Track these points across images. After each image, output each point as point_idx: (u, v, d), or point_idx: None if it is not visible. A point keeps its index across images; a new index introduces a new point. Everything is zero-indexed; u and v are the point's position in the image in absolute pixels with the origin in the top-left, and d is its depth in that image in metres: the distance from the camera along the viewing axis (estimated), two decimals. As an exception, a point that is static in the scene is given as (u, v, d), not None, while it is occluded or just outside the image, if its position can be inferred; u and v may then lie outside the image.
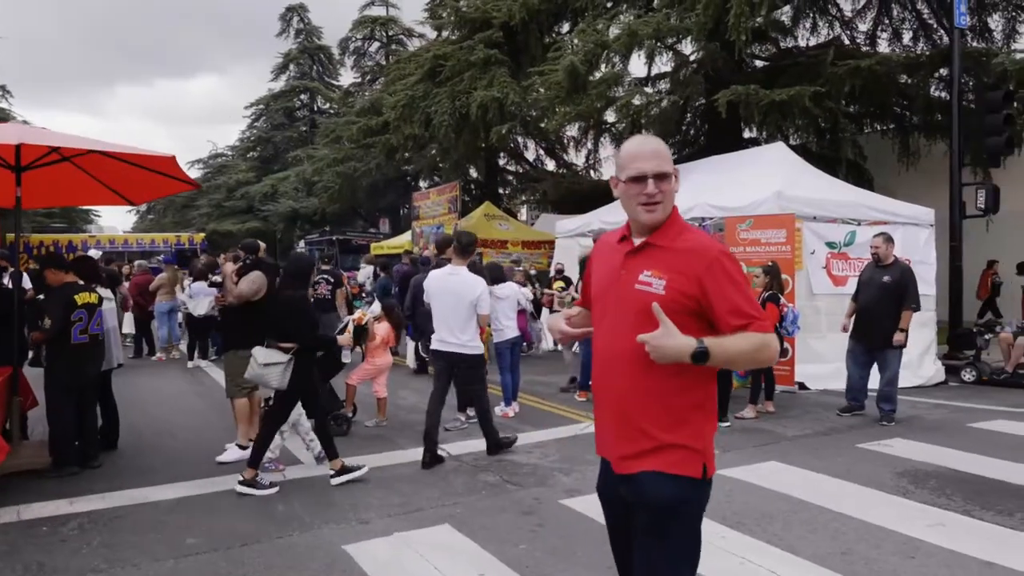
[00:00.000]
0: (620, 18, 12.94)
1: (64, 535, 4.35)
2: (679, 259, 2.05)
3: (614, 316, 2.14)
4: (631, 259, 2.13)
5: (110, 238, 25.60)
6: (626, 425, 2.10)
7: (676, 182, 2.11)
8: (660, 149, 2.10)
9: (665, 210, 2.09)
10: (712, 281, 2.01)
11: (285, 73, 36.94)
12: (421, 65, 16.50)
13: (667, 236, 2.10)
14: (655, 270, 2.05)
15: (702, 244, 2.08)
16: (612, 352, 2.13)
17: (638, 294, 2.06)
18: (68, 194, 7.04)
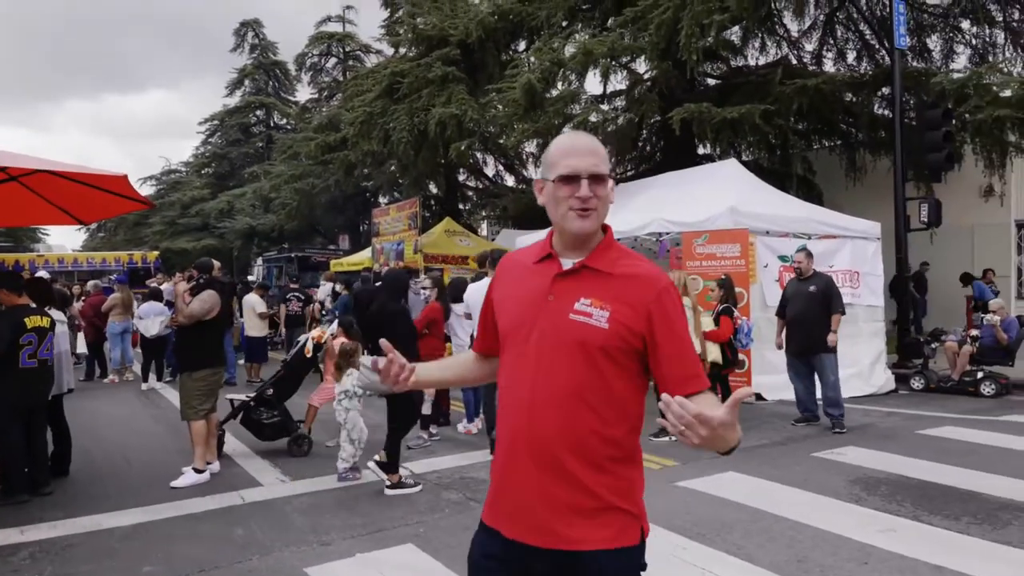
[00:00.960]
0: (576, 37, 13.17)
1: (16, 565, 4.21)
2: (623, 287, 1.71)
3: (540, 351, 1.72)
4: (562, 283, 1.75)
5: (59, 257, 24.88)
6: (558, 484, 1.68)
7: (611, 191, 1.77)
8: (596, 147, 1.75)
9: (599, 218, 1.75)
10: (662, 316, 1.69)
11: (240, 88, 36.52)
12: (379, 82, 16.50)
13: (606, 258, 1.75)
14: (594, 298, 1.69)
15: (648, 271, 1.75)
16: (540, 396, 1.70)
17: (574, 326, 1.69)
18: (15, 214, 6.86)
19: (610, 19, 14.13)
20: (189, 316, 5.61)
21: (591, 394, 1.69)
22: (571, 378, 1.69)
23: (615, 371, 1.68)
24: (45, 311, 5.84)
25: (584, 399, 1.69)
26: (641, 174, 15.95)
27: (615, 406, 1.69)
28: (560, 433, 1.68)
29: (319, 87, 32.07)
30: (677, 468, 6.03)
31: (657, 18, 11.27)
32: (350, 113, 17.35)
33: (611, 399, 1.69)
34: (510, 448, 1.77)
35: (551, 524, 1.69)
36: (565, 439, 1.68)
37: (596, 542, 1.68)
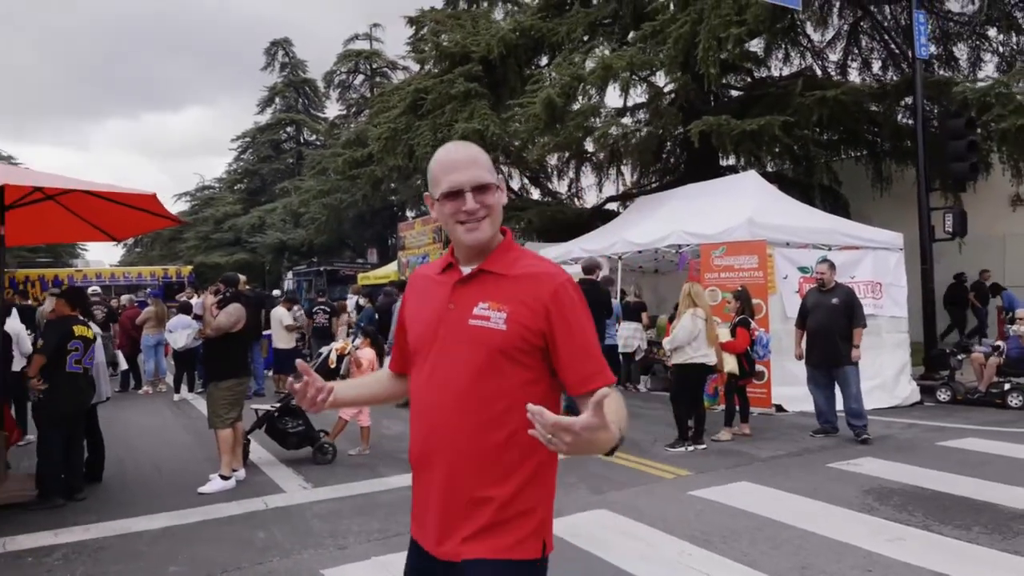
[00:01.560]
0: (596, 52, 13.34)
1: (49, 565, 4.44)
2: (520, 286, 1.69)
3: (441, 361, 1.72)
4: (461, 290, 1.75)
5: (97, 272, 25.60)
6: (456, 495, 1.68)
7: (502, 193, 1.75)
8: (477, 156, 1.75)
9: (492, 226, 1.73)
10: (559, 313, 1.67)
11: (271, 106, 37.35)
12: (403, 98, 16.83)
13: (504, 261, 1.74)
14: (492, 301, 1.68)
15: (545, 269, 1.74)
16: (442, 406, 1.70)
17: (473, 331, 1.68)
18: (52, 231, 7.19)
19: (631, 33, 14.29)
20: (217, 329, 5.85)
21: (493, 400, 1.66)
22: (472, 385, 1.66)
23: (520, 373, 1.66)
24: (87, 322, 6.15)
25: (485, 406, 1.66)
26: (665, 186, 16.04)
27: (520, 410, 1.51)
28: (459, 443, 1.66)
29: (347, 103, 32.71)
30: (690, 478, 6.09)
31: (675, 32, 11.39)
32: (376, 129, 17.69)
33: (516, 404, 1.60)
34: (416, 459, 1.79)
35: (448, 535, 1.69)
36: (464, 449, 1.66)
37: (486, 552, 1.65)
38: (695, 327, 7.02)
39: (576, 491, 5.77)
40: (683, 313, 7.20)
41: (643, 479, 6.10)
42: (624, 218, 13.47)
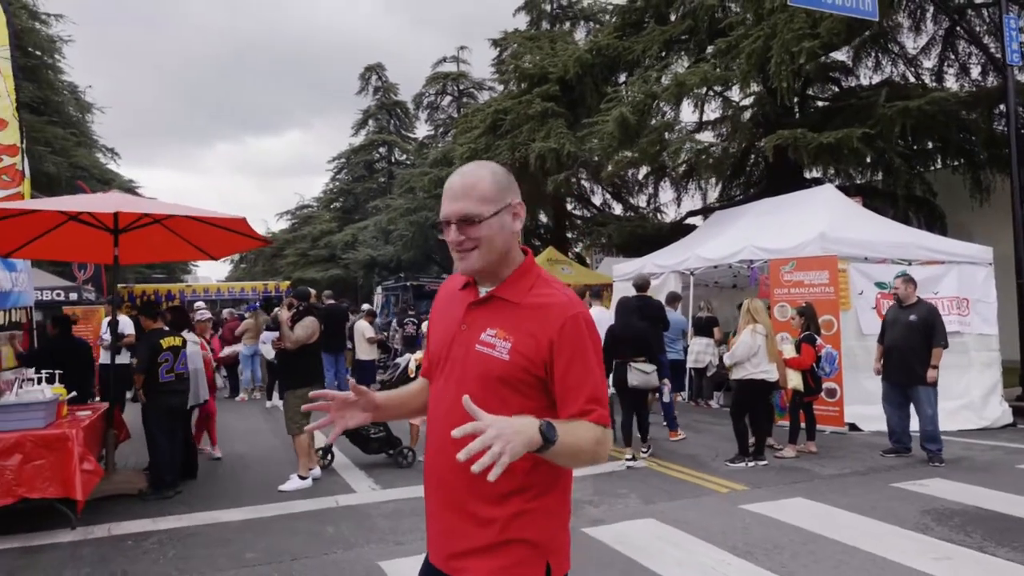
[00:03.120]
0: (670, 69, 13.43)
1: (146, 548, 5.02)
2: (529, 317, 1.67)
3: (450, 381, 1.74)
4: (474, 312, 1.75)
5: (204, 287, 27.46)
6: (457, 513, 1.69)
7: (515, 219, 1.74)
8: (472, 185, 1.69)
9: (484, 256, 1.69)
10: (562, 347, 1.63)
11: (365, 128, 39.01)
12: (484, 119, 17.41)
13: (517, 288, 1.72)
14: (500, 329, 1.68)
15: (558, 300, 1.68)
16: (446, 424, 1.66)
17: (478, 356, 1.69)
18: (160, 251, 7.98)
19: (708, 48, 14.28)
20: (295, 342, 6.39)
21: None
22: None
23: (520, 401, 1.64)
24: (178, 332, 6.85)
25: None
26: (749, 199, 15.85)
27: None
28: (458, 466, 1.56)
29: (435, 124, 33.82)
30: (745, 492, 6.13)
31: (747, 47, 11.36)
32: (459, 148, 18.36)
33: None
34: (426, 476, 1.81)
35: (450, 550, 1.71)
36: (462, 472, 1.56)
37: (486, 572, 1.65)
38: (754, 343, 7.04)
39: (627, 500, 5.94)
40: (743, 329, 7.24)
41: (696, 492, 6.19)
42: (698, 233, 13.44)
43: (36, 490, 5.16)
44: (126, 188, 27.00)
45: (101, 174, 24.11)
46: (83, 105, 25.25)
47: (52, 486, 5.20)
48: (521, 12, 24.60)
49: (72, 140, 21.57)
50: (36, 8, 21.29)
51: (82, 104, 25.14)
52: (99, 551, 4.96)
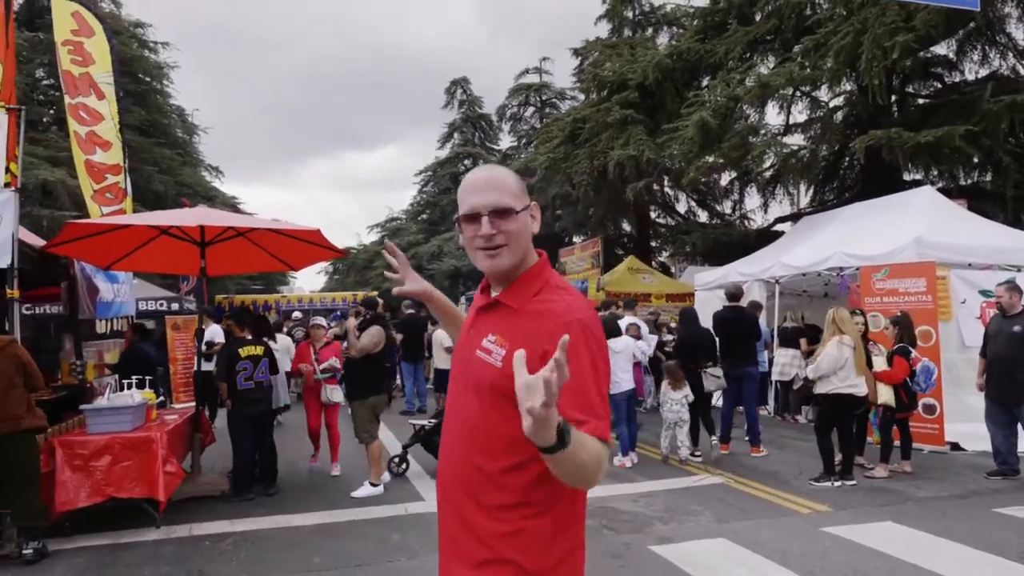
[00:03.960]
0: (754, 70, 12.97)
1: (221, 549, 5.21)
2: (527, 324, 1.57)
3: (456, 388, 1.71)
4: (480, 317, 1.70)
5: (298, 297, 28.56)
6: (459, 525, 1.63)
7: (528, 222, 1.67)
8: (498, 178, 1.64)
9: (513, 254, 1.63)
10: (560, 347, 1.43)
11: (450, 141, 39.68)
12: (562, 129, 17.35)
13: (523, 294, 1.63)
14: (499, 335, 1.59)
15: (559, 307, 1.57)
16: (450, 435, 1.69)
17: (477, 363, 1.62)
18: (244, 262, 8.34)
19: (795, 47, 13.73)
20: (360, 350, 6.51)
21: (485, 437, 1.58)
22: (470, 418, 1.62)
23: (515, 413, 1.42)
24: (261, 341, 7.11)
25: (477, 441, 1.60)
26: (843, 203, 15.10)
27: (512, 451, 1.53)
28: (459, 474, 1.63)
29: (518, 135, 34.01)
30: (828, 514, 5.77)
31: (836, 44, 10.82)
32: (538, 159, 18.38)
33: (509, 443, 1.53)
34: (436, 483, 1.76)
35: (447, 562, 1.67)
36: (462, 481, 1.62)
37: None
38: (840, 355, 6.65)
39: (699, 518, 5.71)
40: (828, 340, 6.85)
41: (774, 511, 5.88)
42: (784, 240, 12.89)
43: (123, 490, 5.45)
44: (228, 204, 28.57)
45: (205, 191, 25.51)
46: (189, 127, 26.86)
47: (138, 486, 5.48)
48: (602, 20, 24.42)
49: (178, 160, 22.96)
50: (145, 37, 22.82)
51: (188, 126, 26.74)
52: (179, 550, 5.18)
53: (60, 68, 9.78)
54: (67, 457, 5.36)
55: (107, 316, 9.27)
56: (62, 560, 4.98)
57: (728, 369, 8.28)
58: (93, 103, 9.78)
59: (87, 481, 5.38)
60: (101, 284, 8.27)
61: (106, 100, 9.82)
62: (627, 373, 7.73)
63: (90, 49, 9.81)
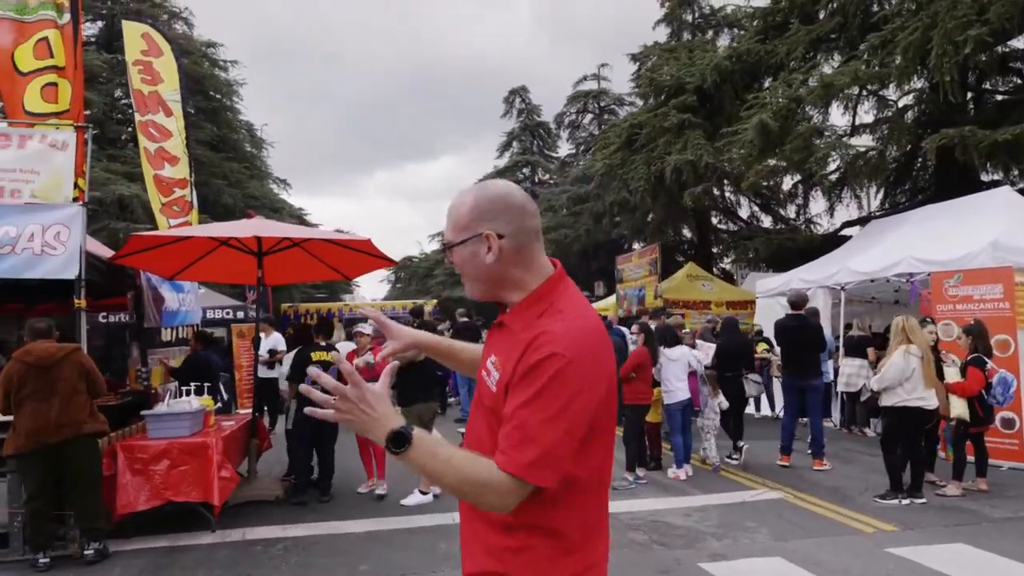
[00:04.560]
0: (816, 70, 12.54)
1: (272, 554, 5.30)
2: (517, 347, 1.50)
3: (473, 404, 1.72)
4: (490, 337, 1.70)
5: (360, 306, 29.20)
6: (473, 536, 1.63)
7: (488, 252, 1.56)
8: (451, 209, 1.63)
9: (472, 284, 1.64)
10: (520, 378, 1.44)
11: (509, 150, 39.87)
12: (619, 135, 17.18)
13: (523, 315, 1.57)
14: (500, 357, 1.56)
15: (541, 330, 1.47)
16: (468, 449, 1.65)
17: (481, 384, 1.63)
18: (301, 272, 8.50)
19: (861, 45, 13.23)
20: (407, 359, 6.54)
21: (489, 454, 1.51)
22: (479, 436, 1.60)
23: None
24: (331, 347, 7.27)
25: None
26: (915, 206, 14.45)
27: None
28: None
29: (576, 142, 33.92)
30: (894, 534, 5.47)
31: (904, 40, 10.36)
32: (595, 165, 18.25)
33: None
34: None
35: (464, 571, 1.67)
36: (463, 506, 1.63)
37: None
38: (907, 365, 6.31)
39: (754, 535, 5.49)
40: (894, 349, 6.52)
41: (835, 530, 5.61)
42: (851, 245, 12.39)
43: (181, 494, 5.61)
44: (294, 215, 29.40)
45: (271, 203, 26.30)
46: (256, 141, 27.76)
47: (194, 490, 5.63)
48: (661, 25, 24.14)
49: (246, 173, 23.74)
50: (216, 56, 23.72)
51: (256, 140, 27.64)
52: (231, 554, 5.29)
53: (131, 87, 10.23)
54: (128, 461, 5.56)
55: (173, 324, 9.61)
56: (121, 561, 5.15)
57: (791, 380, 7.99)
58: (162, 120, 10.18)
59: (147, 485, 5.57)
60: (167, 294, 8.58)
61: (174, 117, 10.20)
62: (682, 382, 7.53)
63: (159, 68, 10.22)
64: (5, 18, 6.09)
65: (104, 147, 19.45)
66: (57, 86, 6.18)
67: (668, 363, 7.59)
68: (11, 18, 6.09)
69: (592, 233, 22.83)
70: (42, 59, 6.13)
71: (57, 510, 5.16)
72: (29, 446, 4.92)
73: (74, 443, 5.01)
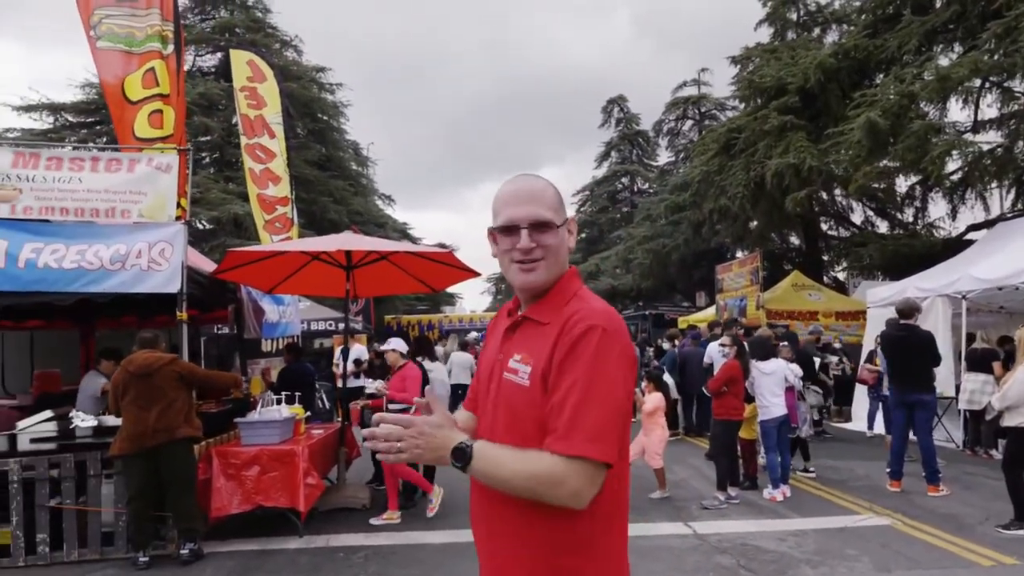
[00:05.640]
0: (931, 63, 11.62)
1: (352, 562, 5.40)
2: (548, 335, 1.49)
3: (486, 412, 1.63)
4: (508, 338, 1.62)
5: (459, 318, 29.67)
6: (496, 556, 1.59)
7: (570, 235, 1.61)
8: (537, 190, 1.58)
9: (549, 270, 1.55)
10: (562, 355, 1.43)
11: (607, 160, 39.54)
12: (716, 140, 16.63)
13: (549, 306, 1.55)
14: (525, 353, 1.52)
15: (578, 313, 1.48)
16: None
17: (506, 385, 1.54)
18: (390, 284, 8.67)
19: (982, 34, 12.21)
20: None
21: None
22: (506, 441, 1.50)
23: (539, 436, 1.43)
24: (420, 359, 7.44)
25: None
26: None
27: None
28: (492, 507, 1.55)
29: (675, 150, 33.19)
30: (1017, 568, 4.93)
31: (1030, 25, 9.45)
32: (693, 171, 17.75)
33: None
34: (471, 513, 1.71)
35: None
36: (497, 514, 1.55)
37: None
38: (1034, 382, 5.69)
39: (854, 564, 5.09)
40: (1019, 364, 5.90)
41: (947, 561, 5.10)
42: (974, 250, 11.38)
43: (270, 499, 5.82)
44: (398, 230, 30.35)
45: (375, 219, 27.28)
46: (362, 159, 28.89)
47: (283, 496, 5.83)
48: (763, 25, 23.24)
49: (350, 190, 24.71)
50: (323, 80, 24.90)
51: (361, 158, 28.77)
52: (313, 560, 5.43)
53: (239, 112, 10.87)
54: (222, 466, 5.82)
55: (273, 336, 10.07)
56: (213, 562, 5.39)
57: (898, 395, 7.39)
58: (266, 142, 10.75)
59: (239, 489, 5.81)
60: (267, 306, 9.00)
61: (276, 139, 10.75)
62: (777, 397, 7.12)
63: (263, 93, 10.80)
64: (117, 50, 6.60)
65: (222, 170, 20.81)
66: (162, 112, 6.63)
67: (761, 377, 7.20)
68: (122, 50, 6.60)
69: (692, 242, 22.20)
70: (149, 88, 6.60)
71: (158, 511, 5.47)
72: (130, 448, 5.24)
73: (169, 447, 5.30)
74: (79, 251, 5.87)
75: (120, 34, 6.62)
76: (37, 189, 6.16)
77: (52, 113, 20.04)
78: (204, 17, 23.45)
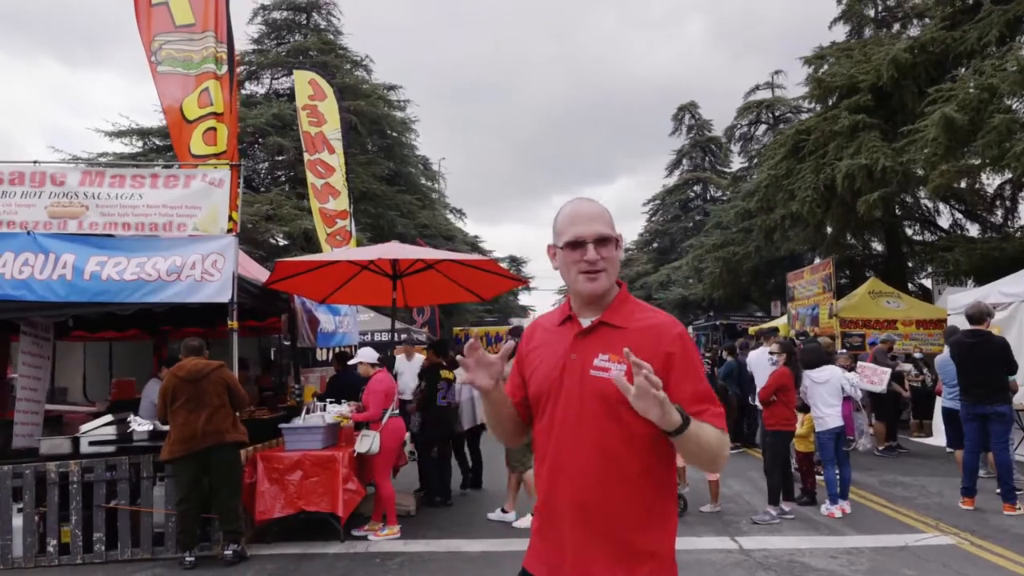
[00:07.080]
0: (1013, 54, 10.88)
1: (388, 568, 5.44)
2: (639, 339, 1.77)
3: (567, 411, 1.83)
4: (582, 341, 1.86)
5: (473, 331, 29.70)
6: (607, 542, 1.76)
7: (619, 250, 1.88)
8: (600, 211, 1.89)
9: (609, 278, 1.86)
10: (681, 356, 1.79)
11: (678, 168, 38.88)
12: (783, 143, 16.08)
13: (621, 313, 1.87)
14: (612, 353, 1.78)
15: (663, 321, 1.87)
16: (572, 455, 1.80)
17: (594, 382, 1.79)
18: (439, 294, 8.77)
19: (1075, 21, 11.40)
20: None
21: (617, 446, 1.75)
22: (597, 434, 1.76)
23: (640, 424, 1.70)
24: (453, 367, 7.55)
25: (611, 453, 1.75)
26: None
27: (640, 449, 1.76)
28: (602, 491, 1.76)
29: (748, 155, 32.29)
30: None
31: (1124, 8, 8.72)
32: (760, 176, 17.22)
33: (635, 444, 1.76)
34: (546, 503, 1.85)
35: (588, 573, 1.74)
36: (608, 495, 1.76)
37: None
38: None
39: (906, 585, 4.75)
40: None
41: (1015, 586, 4.71)
42: (1066, 252, 10.55)
43: (312, 504, 5.94)
44: (468, 242, 30.72)
45: (442, 232, 27.69)
46: (431, 174, 29.43)
47: (324, 501, 5.94)
48: (838, 23, 22.38)
49: (418, 204, 25.17)
50: (392, 97, 25.54)
51: (429, 173, 29.31)
52: (350, 565, 5.50)
53: (300, 129, 11.27)
54: (266, 471, 5.99)
55: (329, 345, 10.33)
56: (255, 564, 5.54)
57: (970, 407, 6.90)
58: (326, 157, 11.09)
59: (282, 493, 5.96)
60: (322, 316, 9.24)
61: (336, 154, 11.07)
62: (832, 408, 6.77)
63: (323, 111, 11.16)
64: (176, 74, 6.96)
65: (295, 187, 21.58)
66: (216, 130, 6.93)
67: (814, 386, 6.88)
68: (180, 73, 6.95)
69: (763, 250, 21.49)
70: (204, 107, 6.91)
71: (205, 513, 5.67)
72: (180, 452, 5.46)
73: (217, 450, 5.49)
74: (139, 263, 6.18)
75: (178, 58, 6.97)
76: (102, 205, 6.54)
77: (141, 137, 21.29)
78: (280, 42, 24.48)
